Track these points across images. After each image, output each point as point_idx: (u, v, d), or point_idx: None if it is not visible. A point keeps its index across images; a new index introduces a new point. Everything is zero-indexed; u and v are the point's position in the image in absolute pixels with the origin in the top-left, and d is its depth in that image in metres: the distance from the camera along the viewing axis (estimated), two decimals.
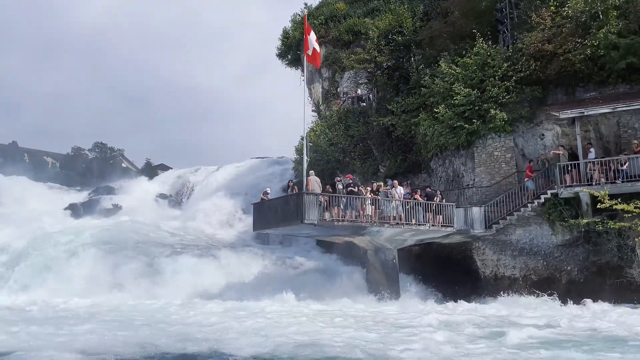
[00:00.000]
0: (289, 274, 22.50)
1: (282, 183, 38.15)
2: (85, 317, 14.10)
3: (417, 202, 19.08)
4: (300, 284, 19.83)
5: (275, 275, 21.69)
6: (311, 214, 16.92)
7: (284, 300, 17.29)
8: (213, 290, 19.84)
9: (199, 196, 39.85)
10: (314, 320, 13.31)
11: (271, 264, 23.73)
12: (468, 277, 20.42)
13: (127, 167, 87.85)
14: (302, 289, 19.26)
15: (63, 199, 41.62)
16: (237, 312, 14.97)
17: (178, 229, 30.73)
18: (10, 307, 16.58)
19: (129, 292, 20.11)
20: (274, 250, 27.99)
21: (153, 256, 23.18)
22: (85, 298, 18.03)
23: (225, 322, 12.75)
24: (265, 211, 18.57)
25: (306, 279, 21.12)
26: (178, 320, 13.62)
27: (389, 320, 13.72)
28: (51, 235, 23.85)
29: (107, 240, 24.88)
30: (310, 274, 22.57)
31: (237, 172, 43.92)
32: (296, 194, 17.67)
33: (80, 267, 20.73)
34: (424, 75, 23.32)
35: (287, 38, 37.01)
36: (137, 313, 15.10)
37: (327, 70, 33.93)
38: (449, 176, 23.65)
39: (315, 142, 28.96)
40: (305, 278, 21.35)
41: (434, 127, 22.28)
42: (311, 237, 20.60)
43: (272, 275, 21.86)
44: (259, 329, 11.70)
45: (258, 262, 23.66)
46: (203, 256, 23.76)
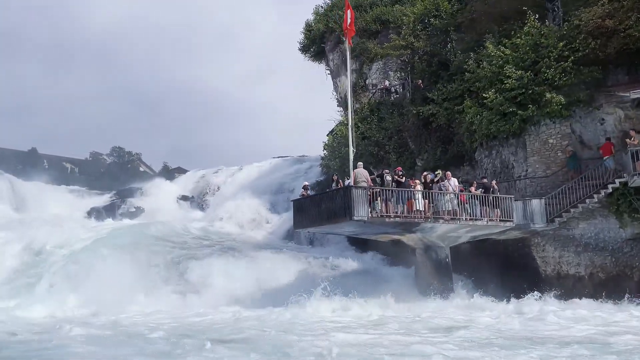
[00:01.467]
0: (330, 275, 20.57)
1: (308, 181, 36.35)
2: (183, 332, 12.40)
3: (473, 195, 17.09)
4: (346, 287, 17.88)
5: (317, 278, 19.76)
6: (360, 210, 15.02)
7: (340, 305, 15.46)
8: (253, 295, 18.05)
9: (223, 197, 38.12)
10: (401, 329, 11.45)
11: (310, 265, 21.83)
12: (527, 276, 18.34)
13: (145, 170, 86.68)
14: (349, 292, 17.40)
15: (84, 203, 40.16)
16: (299, 322, 13.11)
17: (205, 230, 28.99)
18: (69, 319, 14.58)
19: (161, 298, 18.38)
20: (308, 251, 26.11)
21: (184, 259, 21.43)
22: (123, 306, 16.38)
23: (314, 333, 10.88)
24: (306, 208, 16.69)
25: (350, 281, 19.15)
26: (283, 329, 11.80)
27: (476, 326, 11.84)
28: (75, 240, 22.21)
29: (133, 243, 23.17)
30: (353, 275, 20.66)
31: (260, 172, 42.17)
32: (343, 188, 15.77)
33: (108, 273, 18.98)
34: (468, 59, 21.27)
35: (310, 31, 35.15)
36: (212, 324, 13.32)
37: (355, 61, 31.95)
38: (496, 168, 21.59)
39: (346, 136, 26.99)
40: (349, 280, 19.40)
41: (481, 115, 20.27)
42: (356, 235, 18.70)
43: (313, 277, 19.94)
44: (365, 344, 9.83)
45: (296, 264, 21.76)
46: (236, 258, 21.95)
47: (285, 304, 15.72)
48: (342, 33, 32.77)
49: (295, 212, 17.03)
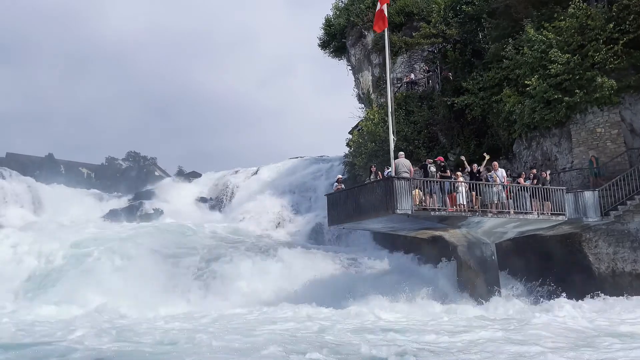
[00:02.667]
0: (365, 275, 19.28)
1: (330, 180, 35.01)
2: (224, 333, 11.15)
3: (522, 186, 15.66)
4: (385, 287, 16.58)
5: (351, 278, 18.50)
6: (404, 203, 13.66)
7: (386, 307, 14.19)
8: (291, 296, 16.74)
9: (243, 197, 36.93)
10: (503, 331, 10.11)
11: (343, 265, 20.50)
12: (578, 274, 16.85)
13: (160, 175, 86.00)
14: (388, 292, 16.08)
15: (102, 205, 39.20)
16: (361, 324, 11.75)
17: (228, 230, 27.77)
18: (96, 320, 13.47)
19: (187, 299, 17.19)
20: (335, 251, 24.78)
21: (211, 260, 20.23)
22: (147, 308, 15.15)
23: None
24: (342, 203, 15.36)
25: (387, 281, 17.84)
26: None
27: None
28: (96, 242, 21.10)
29: (155, 244, 22.04)
30: (389, 275, 19.28)
31: (279, 172, 40.89)
32: (384, 180, 14.43)
33: (132, 274, 17.86)
34: (506, 45, 19.87)
35: (330, 26, 33.96)
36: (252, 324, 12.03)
37: (378, 56, 30.66)
38: (537, 160, 20.11)
39: (373, 131, 25.70)
40: (386, 280, 18.08)
41: (522, 103, 18.85)
42: (394, 231, 17.30)
43: (348, 277, 18.67)
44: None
45: (327, 264, 20.49)
46: (265, 258, 20.70)
47: (334, 304, 14.47)
48: (364, 27, 31.62)
49: (330, 207, 15.72)
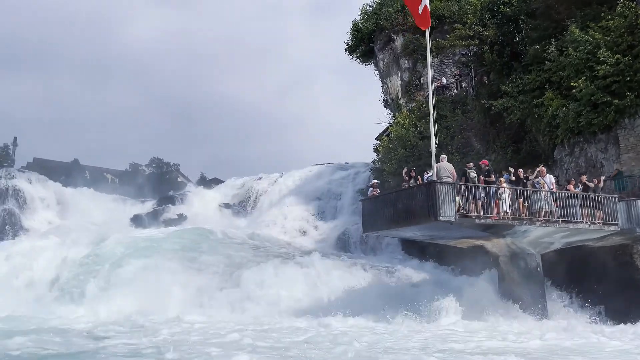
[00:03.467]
0: (400, 286, 18.33)
1: (357, 187, 34.20)
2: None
3: (572, 194, 14.60)
4: (421, 298, 15.63)
5: (386, 288, 17.56)
6: (447, 209, 12.74)
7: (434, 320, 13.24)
8: (323, 305, 15.88)
9: (267, 204, 36.30)
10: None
11: (377, 275, 19.58)
12: (630, 290, 15.64)
13: (183, 181, 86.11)
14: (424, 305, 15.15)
15: (127, 210, 38.98)
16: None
17: (252, 237, 27.06)
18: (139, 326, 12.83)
19: (214, 306, 16.48)
20: (364, 259, 23.87)
21: (237, 266, 19.51)
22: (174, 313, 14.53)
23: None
24: (378, 209, 14.49)
25: (423, 293, 16.85)
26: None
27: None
28: (121, 246, 20.59)
29: (180, 249, 21.45)
30: (423, 286, 18.29)
31: (303, 178, 40.10)
32: (426, 184, 13.53)
33: (157, 279, 17.25)
34: (548, 46, 18.86)
35: (357, 31, 33.28)
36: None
37: (407, 60, 29.91)
38: (580, 167, 18.95)
39: (403, 136, 24.84)
40: (421, 292, 17.09)
41: (567, 107, 17.79)
42: (432, 240, 16.36)
43: (382, 288, 17.73)
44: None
45: (358, 272, 19.56)
46: (291, 265, 19.89)
47: (376, 315, 13.58)
48: (393, 31, 30.88)
49: (365, 214, 14.86)
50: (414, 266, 21.51)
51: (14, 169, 42.31)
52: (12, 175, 35.51)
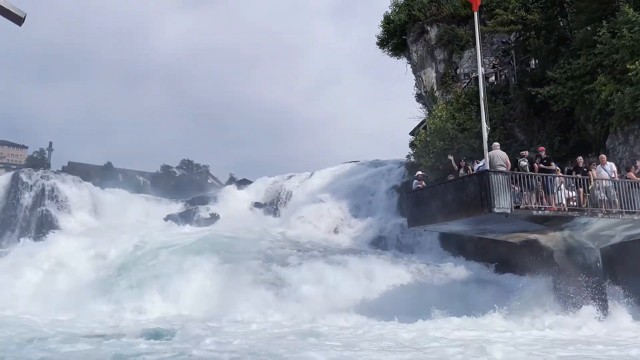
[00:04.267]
0: (442, 284, 17.44)
1: (390, 183, 33.32)
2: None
3: (633, 182, 13.49)
4: (469, 298, 14.75)
5: (428, 287, 16.70)
6: (501, 200, 11.85)
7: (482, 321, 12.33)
8: (366, 305, 15.14)
9: (299, 202, 35.69)
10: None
11: (419, 273, 18.73)
12: None
13: (212, 182, 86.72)
14: (473, 304, 14.29)
15: (160, 210, 39.00)
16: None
17: (286, 235, 26.54)
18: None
19: (254, 306, 15.91)
20: (402, 256, 23.00)
21: (275, 264, 18.94)
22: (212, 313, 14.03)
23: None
24: (425, 202, 13.66)
25: (468, 291, 15.96)
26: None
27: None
28: (157, 246, 20.27)
29: (215, 248, 21.01)
30: (467, 284, 17.37)
31: (334, 176, 39.42)
32: (478, 174, 12.65)
33: (195, 279, 16.83)
34: (599, 28, 17.68)
35: (389, 24, 32.35)
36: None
37: (442, 51, 28.86)
38: (635, 156, 17.67)
39: (442, 129, 23.85)
40: (466, 290, 16.19)
41: (622, 92, 16.60)
42: (482, 234, 15.44)
43: (424, 286, 16.88)
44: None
45: (399, 271, 18.76)
46: (328, 263, 19.21)
47: (417, 316, 12.77)
48: (427, 22, 29.86)
49: (411, 207, 14.06)
50: (455, 263, 20.55)
51: (50, 170, 42.91)
52: (48, 177, 35.88)
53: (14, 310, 15.67)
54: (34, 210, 33.62)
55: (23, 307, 15.76)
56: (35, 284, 18.06)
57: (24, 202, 33.75)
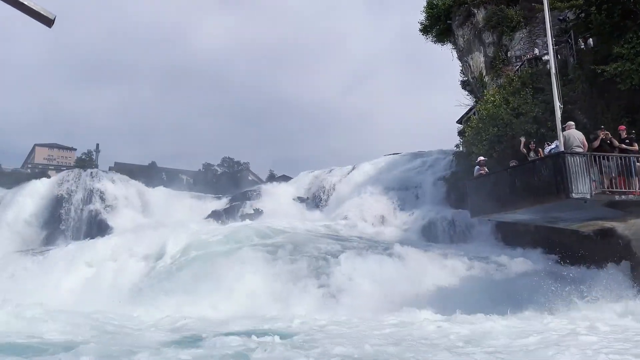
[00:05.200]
0: (502, 278, 16.28)
1: (437, 174, 32.11)
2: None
3: None
4: (534, 292, 13.61)
5: (488, 281, 15.61)
6: (579, 185, 10.72)
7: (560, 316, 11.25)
8: (423, 299, 14.23)
9: (343, 195, 34.96)
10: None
11: (475, 267, 17.63)
12: None
13: (253, 179, 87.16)
14: (538, 298, 13.17)
15: (204, 206, 39.12)
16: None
17: (333, 229, 25.86)
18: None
19: (306, 301, 15.28)
20: (455, 249, 21.86)
21: (323, 259, 18.26)
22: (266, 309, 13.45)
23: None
24: (489, 189, 12.62)
25: (531, 285, 14.77)
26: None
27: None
28: (206, 242, 19.97)
29: (263, 242, 20.55)
30: (530, 277, 16.10)
31: (377, 169, 38.47)
32: (552, 157, 11.53)
33: (244, 274, 16.34)
34: None
35: (432, 9, 31.04)
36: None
37: (491, 34, 27.39)
38: None
39: (495, 114, 22.52)
40: (530, 283, 15.00)
41: None
42: (552, 223, 14.24)
43: (483, 280, 15.80)
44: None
45: (454, 264, 17.71)
46: (382, 257, 18.38)
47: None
48: (473, 4, 28.44)
49: (473, 195, 13.06)
50: (513, 255, 19.27)
51: (98, 169, 43.75)
52: (97, 176, 36.48)
53: (75, 306, 15.41)
54: (84, 210, 34.24)
55: (84, 303, 15.55)
56: (91, 281, 18.05)
57: (74, 202, 34.41)
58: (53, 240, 31.47)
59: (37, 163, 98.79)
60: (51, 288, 17.38)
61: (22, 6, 1.28)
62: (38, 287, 17.35)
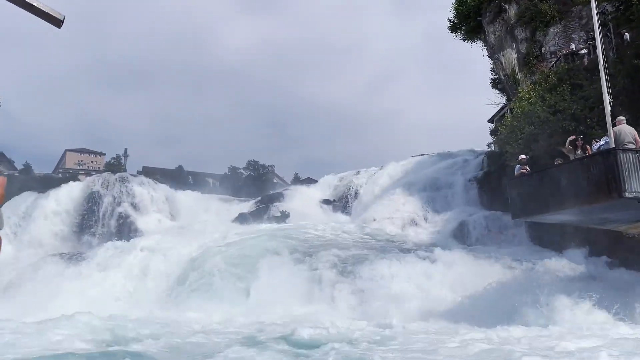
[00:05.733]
0: (544, 283, 15.50)
1: (467, 175, 31.24)
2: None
3: None
4: (582, 298, 12.87)
5: (528, 285, 14.84)
6: (633, 183, 9.99)
7: None
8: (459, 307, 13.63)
9: (370, 197, 34.41)
10: None
11: (506, 269, 16.90)
12: None
13: (278, 182, 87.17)
14: (587, 305, 12.45)
15: (231, 209, 39.07)
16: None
17: (361, 231, 25.35)
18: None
19: (336, 307, 14.82)
20: (489, 252, 21.10)
21: (352, 263, 17.77)
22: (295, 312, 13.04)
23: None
24: (533, 189, 11.96)
25: (577, 290, 13.98)
26: None
27: None
28: (234, 244, 19.72)
29: (291, 245, 20.20)
30: (574, 282, 15.34)
31: (404, 170, 37.75)
32: (602, 153, 10.84)
33: (275, 278, 15.99)
34: None
35: (461, 6, 30.32)
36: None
37: (523, 29, 26.53)
38: None
39: (530, 112, 21.70)
40: (575, 288, 14.21)
41: None
42: (600, 225, 13.46)
43: (523, 285, 15.04)
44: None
45: (491, 268, 17.02)
46: (410, 260, 17.77)
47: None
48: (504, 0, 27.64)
49: (515, 196, 12.40)
50: (553, 258, 18.44)
51: (127, 173, 44.20)
52: (126, 179, 36.80)
53: (107, 310, 15.31)
54: (114, 213, 34.53)
55: (114, 308, 15.48)
56: (121, 285, 17.96)
57: (104, 205, 34.74)
58: (84, 242, 31.83)
59: (68, 168, 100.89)
60: (95, 293, 17.26)
61: (31, 7, 1.23)
62: (78, 293, 17.25)
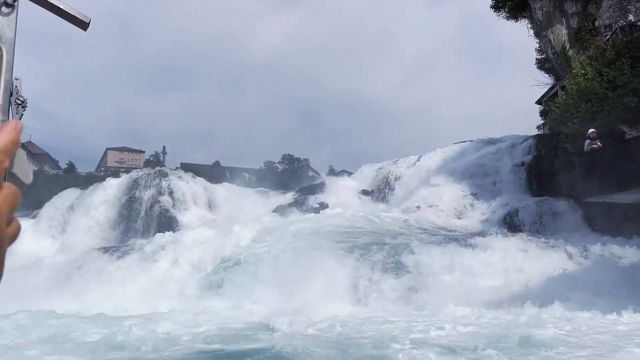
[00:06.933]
0: (611, 270, 14.24)
1: (515, 159, 29.67)
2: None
3: None
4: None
5: (594, 273, 13.63)
6: None
7: None
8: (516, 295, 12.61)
9: (411, 186, 33.30)
10: None
11: (565, 256, 15.66)
12: None
13: (313, 175, 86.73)
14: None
15: (269, 202, 38.72)
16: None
17: (406, 221, 24.37)
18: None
19: (384, 295, 14.00)
20: (543, 239, 19.76)
21: (396, 252, 16.89)
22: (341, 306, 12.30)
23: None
24: (606, 166, 10.80)
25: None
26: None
27: None
28: (275, 235, 19.15)
29: (334, 236, 19.46)
30: None
31: (445, 157, 36.41)
32: None
33: (320, 269, 15.29)
34: None
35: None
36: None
37: (573, 3, 24.83)
38: None
39: (587, 88, 20.18)
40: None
41: None
42: None
43: (587, 273, 13.85)
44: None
45: (548, 255, 15.82)
46: (460, 248, 16.74)
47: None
48: None
49: (585, 174, 11.29)
50: (621, 243, 17.00)
51: (166, 167, 44.53)
52: (165, 174, 36.95)
53: (171, 304, 14.91)
54: (154, 207, 34.66)
55: (176, 302, 15.08)
56: (160, 278, 17.67)
57: (145, 199, 34.91)
58: (126, 236, 32.03)
59: (109, 166, 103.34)
60: (152, 286, 16.98)
61: (59, 10, 1.07)
62: (138, 287, 17.03)
